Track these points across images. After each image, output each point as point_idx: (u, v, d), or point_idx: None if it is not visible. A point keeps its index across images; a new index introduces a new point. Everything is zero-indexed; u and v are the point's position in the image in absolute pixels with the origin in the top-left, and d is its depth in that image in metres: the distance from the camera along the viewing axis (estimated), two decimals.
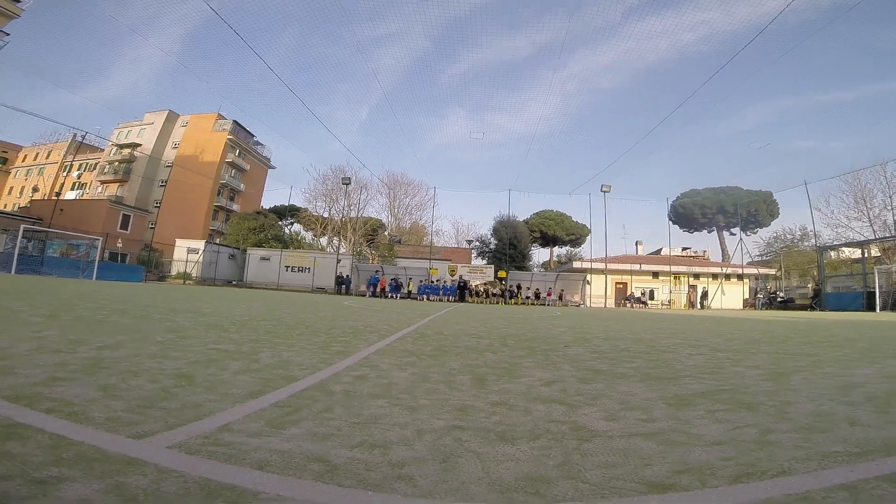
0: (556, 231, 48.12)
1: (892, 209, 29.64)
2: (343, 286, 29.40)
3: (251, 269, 33.02)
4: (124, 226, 39.33)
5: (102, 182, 51.28)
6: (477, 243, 45.81)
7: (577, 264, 36.02)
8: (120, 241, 33.25)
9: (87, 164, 52.12)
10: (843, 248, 31.96)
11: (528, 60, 55.85)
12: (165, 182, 46.04)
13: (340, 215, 42.57)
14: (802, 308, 27.37)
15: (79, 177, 52.01)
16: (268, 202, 54.84)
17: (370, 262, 37.74)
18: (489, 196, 76.90)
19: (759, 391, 2.29)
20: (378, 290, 28.83)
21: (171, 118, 52.78)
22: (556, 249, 51.74)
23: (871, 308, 22.12)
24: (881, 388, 2.37)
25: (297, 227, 47.83)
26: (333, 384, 2.17)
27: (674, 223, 45.56)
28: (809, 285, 31.83)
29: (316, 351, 3.20)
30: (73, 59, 55.91)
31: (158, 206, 45.72)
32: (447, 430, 1.53)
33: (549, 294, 28.11)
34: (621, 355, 3.65)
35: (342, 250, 37.97)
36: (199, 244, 33.46)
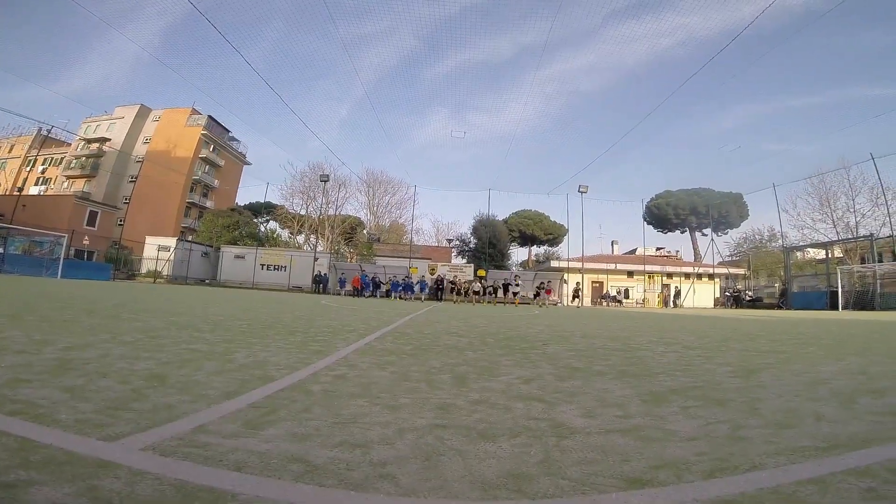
0: (534, 230, 48.63)
1: (854, 212, 31.01)
2: (320, 285, 28.95)
3: (225, 268, 32.20)
4: (91, 222, 37.79)
5: (68, 177, 49.27)
6: (457, 242, 45.92)
7: (554, 263, 36.48)
8: (86, 238, 31.89)
9: (53, 158, 49.98)
10: (809, 249, 33.27)
11: (510, 61, 56.16)
12: (135, 178, 44.56)
13: (318, 213, 41.96)
14: (770, 307, 28.39)
15: (43, 171, 49.83)
16: (243, 199, 53.61)
17: (348, 260, 37.35)
18: (469, 195, 77.33)
19: (730, 387, 2.36)
20: (353, 288, 27.42)
21: (143, 113, 51.12)
22: (535, 249, 52.31)
23: (834, 307, 23.10)
24: (845, 385, 2.48)
25: (273, 224, 46.96)
26: (312, 384, 2.14)
27: (648, 223, 46.59)
28: (777, 285, 33.03)
29: (293, 351, 3.15)
30: (39, 50, 53.50)
31: (128, 203, 44.22)
32: (429, 428, 1.53)
33: (547, 291, 27.54)
34: (598, 353, 3.71)
35: (320, 248, 37.44)
36: (171, 242, 32.46)
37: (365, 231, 45.76)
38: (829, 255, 29.37)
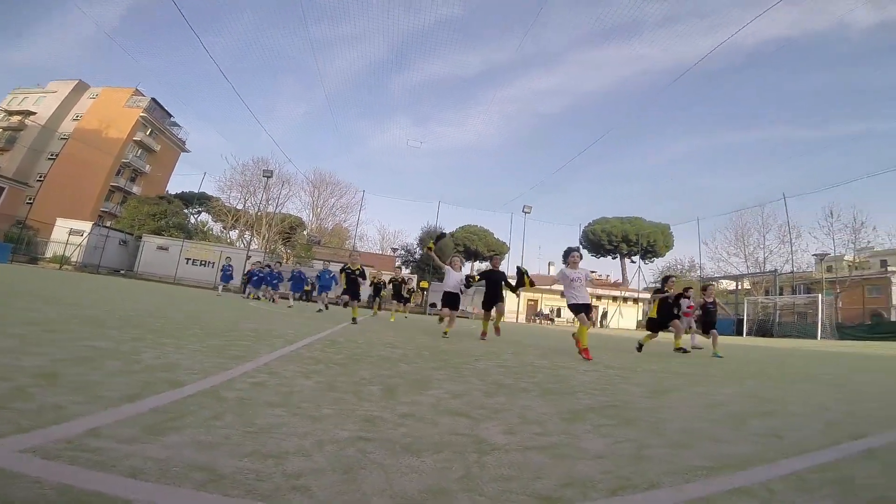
0: (478, 246, 49.47)
1: (763, 248, 34.75)
2: (250, 284, 27.37)
3: (145, 259, 29.66)
4: None
5: None
6: (402, 252, 45.59)
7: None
8: None
9: None
10: (722, 280, 36.67)
11: (474, 78, 57.38)
12: (56, 155, 40.25)
13: (256, 209, 39.97)
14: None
15: None
16: (176, 187, 49.90)
17: (285, 261, 35.78)
18: (418, 206, 77.23)
19: (641, 407, 2.53)
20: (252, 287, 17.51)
21: (80, 89, 46.62)
22: (477, 264, 53.20)
23: (740, 333, 25.66)
24: (739, 407, 2.73)
25: (205, 216, 44.06)
26: (226, 390, 2.02)
27: (584, 248, 49.07)
28: None
29: (210, 354, 2.96)
30: None
31: (41, 180, 39.73)
32: (351, 441, 1.49)
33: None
34: (525, 370, 3.83)
35: (254, 246, 35.61)
36: (86, 226, 29.47)
37: (305, 232, 44.19)
38: (739, 287, 32.61)
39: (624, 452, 1.61)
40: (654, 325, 7.84)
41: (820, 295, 23.74)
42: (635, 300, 37.66)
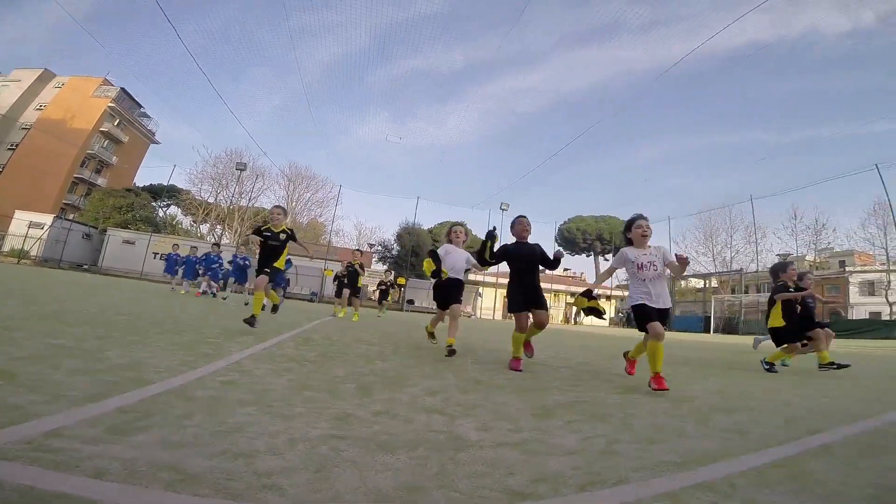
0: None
1: (730, 247, 36.04)
2: (222, 281, 26.68)
3: (110, 253, 28.47)
4: None
5: None
6: (379, 248, 45.21)
7: (471, 277, 37.53)
8: None
9: None
10: (691, 279, 37.84)
11: (456, 73, 57.11)
12: (16, 146, 38.24)
13: (228, 202, 38.92)
14: None
15: None
16: (144, 180, 48.17)
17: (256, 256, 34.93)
18: (397, 201, 76.29)
19: (612, 403, 2.59)
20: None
21: (45, 78, 44.26)
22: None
23: (708, 330, 26.51)
24: (705, 403, 2.83)
25: (174, 210, 42.65)
26: (196, 389, 1.97)
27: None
28: None
29: (178, 352, 2.87)
30: None
31: (0, 171, 37.74)
32: (324, 439, 1.48)
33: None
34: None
35: (225, 241, 34.68)
36: (47, 218, 28.10)
37: None
38: (707, 286, 33.73)
39: (594, 448, 1.65)
40: (785, 335, 5.43)
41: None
42: (608, 297, 38.51)
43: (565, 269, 53.94)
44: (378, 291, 13.67)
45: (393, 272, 13.44)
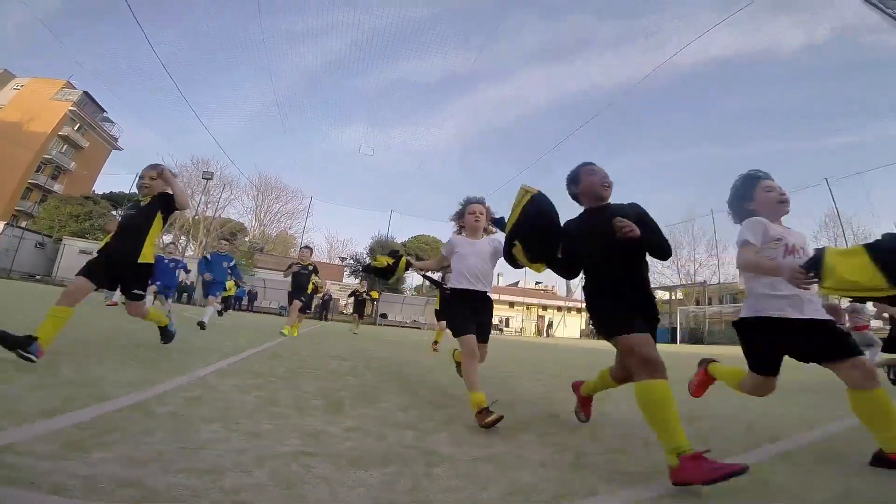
0: (430, 256, 49.47)
1: (694, 260, 37.37)
2: (185, 294, 25.74)
3: (65, 263, 26.99)
4: None
5: None
6: (351, 261, 44.60)
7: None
8: None
9: None
10: (657, 291, 39.05)
11: (433, 85, 57.38)
12: None
13: (193, 212, 37.74)
14: None
15: None
16: (104, 187, 45.89)
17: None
18: (369, 214, 75.44)
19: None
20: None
21: (4, 79, 42.01)
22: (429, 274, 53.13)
23: (674, 340, 27.38)
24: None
25: None
26: (157, 405, 1.89)
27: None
28: None
29: (139, 368, 2.75)
30: None
31: None
32: (294, 455, 1.45)
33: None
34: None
35: (189, 252, 33.54)
36: None
37: (247, 238, 42.24)
38: (672, 297, 34.83)
39: (565, 460, 1.67)
40: None
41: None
42: (578, 310, 39.21)
43: (537, 283, 54.67)
44: (353, 302, 13.07)
45: (367, 283, 13.01)
